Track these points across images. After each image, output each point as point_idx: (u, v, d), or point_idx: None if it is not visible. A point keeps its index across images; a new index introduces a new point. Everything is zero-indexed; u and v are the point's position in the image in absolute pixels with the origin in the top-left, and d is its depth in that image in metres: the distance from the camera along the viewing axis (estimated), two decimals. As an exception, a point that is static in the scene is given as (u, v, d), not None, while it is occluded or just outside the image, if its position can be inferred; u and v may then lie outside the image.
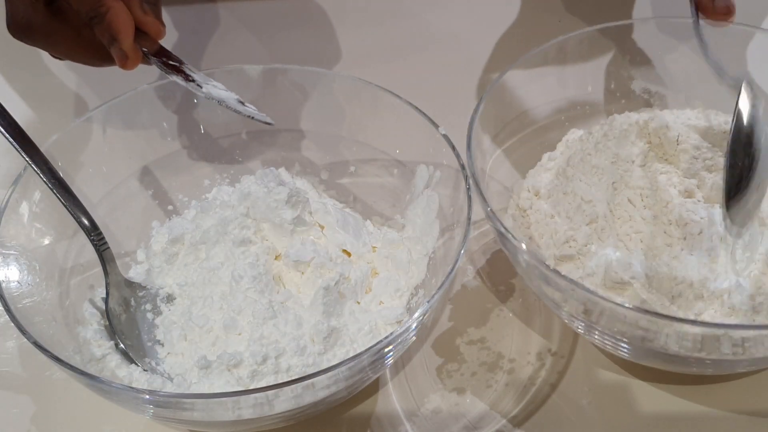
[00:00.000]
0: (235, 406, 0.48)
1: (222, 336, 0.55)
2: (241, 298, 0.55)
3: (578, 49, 0.67)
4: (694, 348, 0.50)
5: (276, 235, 0.59)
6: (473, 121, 0.59)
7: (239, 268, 0.56)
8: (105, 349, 0.55)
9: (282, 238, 0.59)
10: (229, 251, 0.58)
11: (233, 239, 0.58)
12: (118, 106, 0.64)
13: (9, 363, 0.60)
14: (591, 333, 0.55)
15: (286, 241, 0.59)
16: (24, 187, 0.57)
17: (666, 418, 0.55)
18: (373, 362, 0.50)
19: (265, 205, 0.58)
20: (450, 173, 0.59)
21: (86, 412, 0.57)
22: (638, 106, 0.67)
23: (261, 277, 0.56)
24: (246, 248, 0.58)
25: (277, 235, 0.59)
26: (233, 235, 0.58)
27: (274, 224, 0.59)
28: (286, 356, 0.53)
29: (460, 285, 0.64)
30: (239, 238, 0.58)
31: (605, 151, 0.64)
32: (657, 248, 0.59)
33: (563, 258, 0.58)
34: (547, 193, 0.62)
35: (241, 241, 0.58)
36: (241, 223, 0.59)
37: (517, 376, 0.58)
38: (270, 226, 0.59)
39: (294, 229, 0.59)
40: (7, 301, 0.51)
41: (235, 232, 0.58)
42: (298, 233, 0.59)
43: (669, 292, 0.54)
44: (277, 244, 0.59)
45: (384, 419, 0.56)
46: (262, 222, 0.59)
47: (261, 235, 0.59)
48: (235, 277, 0.56)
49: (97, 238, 0.57)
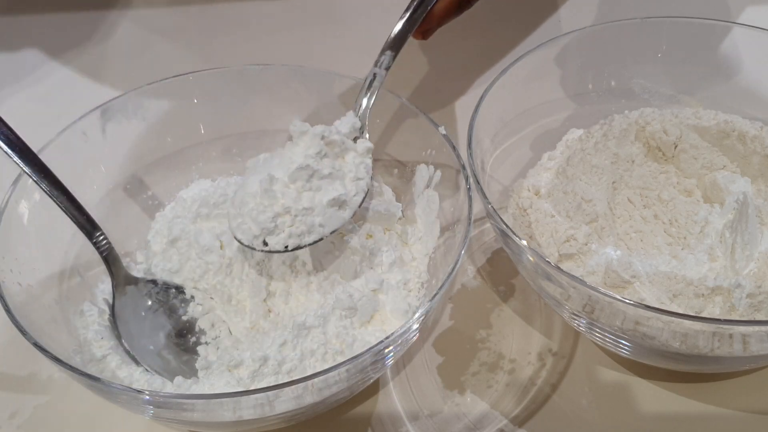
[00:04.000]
0: (236, 407, 0.48)
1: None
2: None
3: (578, 49, 0.67)
4: (695, 345, 0.50)
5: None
6: (473, 121, 0.59)
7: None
8: (105, 349, 0.55)
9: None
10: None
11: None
12: (117, 106, 0.64)
13: (9, 363, 0.60)
14: (592, 331, 0.55)
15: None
16: (24, 187, 0.57)
17: (667, 417, 0.55)
18: (374, 362, 0.50)
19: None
20: (450, 173, 0.59)
21: (86, 412, 0.57)
22: (638, 106, 0.67)
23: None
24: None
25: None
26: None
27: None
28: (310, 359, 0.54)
29: (461, 284, 0.64)
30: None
31: (605, 150, 0.64)
32: (657, 247, 0.59)
33: (564, 257, 0.58)
34: (548, 192, 0.62)
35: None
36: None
37: (518, 375, 0.58)
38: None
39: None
40: (7, 301, 0.51)
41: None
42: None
43: (669, 291, 0.54)
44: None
45: (385, 419, 0.56)
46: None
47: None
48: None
49: (100, 240, 0.57)
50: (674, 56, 0.68)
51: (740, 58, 0.67)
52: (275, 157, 0.56)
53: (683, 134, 0.64)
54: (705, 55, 0.68)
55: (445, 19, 0.62)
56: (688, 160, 0.64)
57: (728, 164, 0.63)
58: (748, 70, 0.67)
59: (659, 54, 0.69)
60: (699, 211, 0.60)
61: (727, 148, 0.64)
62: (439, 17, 0.62)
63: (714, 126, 0.64)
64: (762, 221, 0.59)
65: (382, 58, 0.59)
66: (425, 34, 0.63)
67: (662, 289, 0.55)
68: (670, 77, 0.69)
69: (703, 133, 0.64)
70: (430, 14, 0.61)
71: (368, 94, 0.60)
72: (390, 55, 0.59)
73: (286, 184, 0.54)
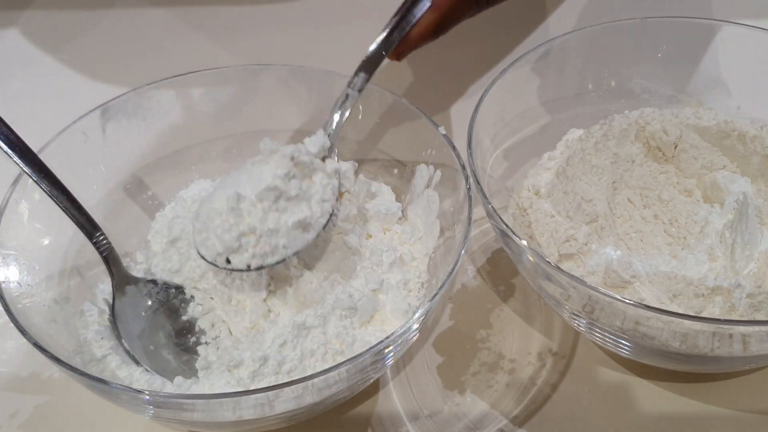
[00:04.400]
0: (236, 407, 0.48)
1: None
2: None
3: (578, 49, 0.67)
4: (695, 345, 0.50)
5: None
6: (473, 121, 0.59)
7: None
8: (105, 349, 0.55)
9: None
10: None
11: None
12: (117, 106, 0.64)
13: (9, 363, 0.60)
14: (592, 331, 0.55)
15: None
16: (24, 187, 0.57)
17: (667, 417, 0.55)
18: (374, 362, 0.50)
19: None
20: (450, 173, 0.59)
21: (86, 412, 0.57)
22: (638, 106, 0.67)
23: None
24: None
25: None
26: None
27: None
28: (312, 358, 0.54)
29: (461, 284, 0.64)
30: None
31: (605, 150, 0.64)
32: (657, 247, 0.59)
33: (564, 257, 0.58)
34: (548, 192, 0.62)
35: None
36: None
37: (518, 375, 0.58)
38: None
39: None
40: (7, 301, 0.51)
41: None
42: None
43: (669, 291, 0.54)
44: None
45: (385, 419, 0.56)
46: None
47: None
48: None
49: (100, 240, 0.57)
50: (674, 56, 0.68)
51: (740, 58, 0.67)
52: (243, 173, 0.56)
53: (683, 134, 0.64)
54: (705, 55, 0.68)
55: (421, 42, 0.62)
56: (688, 160, 0.64)
57: (728, 164, 0.63)
58: (748, 70, 0.67)
59: (659, 54, 0.69)
60: (699, 211, 0.60)
61: (727, 148, 0.64)
62: (415, 41, 0.62)
63: (714, 126, 0.64)
64: (762, 221, 0.59)
65: (356, 80, 0.59)
66: (399, 56, 0.63)
67: (662, 289, 0.55)
68: (670, 77, 0.69)
69: (703, 133, 0.64)
70: (406, 38, 0.61)
71: (339, 113, 0.60)
72: (363, 77, 0.59)
73: (253, 203, 0.54)
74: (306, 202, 0.56)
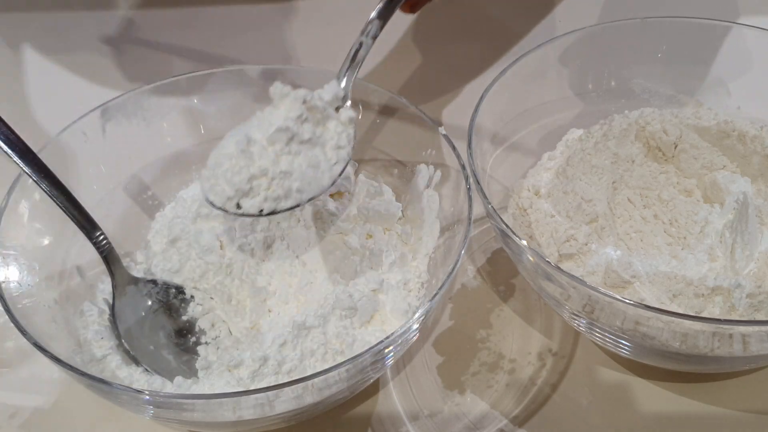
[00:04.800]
0: (236, 407, 0.48)
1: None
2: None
3: (578, 49, 0.67)
4: (695, 345, 0.50)
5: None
6: (473, 121, 0.59)
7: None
8: (105, 349, 0.55)
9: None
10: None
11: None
12: (118, 106, 0.64)
13: (9, 363, 0.60)
14: (592, 331, 0.55)
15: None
16: (24, 187, 0.57)
17: (667, 417, 0.55)
18: (374, 362, 0.50)
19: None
20: (450, 173, 0.59)
21: (86, 412, 0.57)
22: (638, 106, 0.67)
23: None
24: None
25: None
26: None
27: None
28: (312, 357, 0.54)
29: (461, 284, 0.64)
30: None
31: (605, 150, 0.64)
32: (657, 247, 0.59)
33: (564, 257, 0.58)
34: (548, 192, 0.62)
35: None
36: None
37: (518, 375, 0.58)
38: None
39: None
40: (7, 301, 0.51)
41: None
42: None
43: (669, 291, 0.54)
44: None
45: (385, 419, 0.56)
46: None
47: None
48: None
49: (100, 240, 0.57)
50: (674, 56, 0.68)
51: (740, 58, 0.67)
52: (254, 120, 0.54)
53: (683, 134, 0.64)
54: (705, 55, 0.68)
55: None
56: (688, 160, 0.64)
57: (728, 164, 0.63)
58: (748, 70, 0.67)
59: (659, 54, 0.69)
60: (699, 211, 0.60)
61: (727, 148, 0.64)
62: None
63: (714, 126, 0.64)
64: (762, 221, 0.59)
65: (369, 27, 0.57)
66: (413, 7, 0.61)
67: (662, 289, 0.55)
68: (670, 77, 0.69)
69: (703, 133, 0.64)
70: None
71: (354, 63, 0.57)
72: (377, 24, 0.57)
73: (264, 146, 0.51)
74: (320, 147, 0.53)
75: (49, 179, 0.55)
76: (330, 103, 0.54)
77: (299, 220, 0.60)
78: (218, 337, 0.58)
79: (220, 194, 0.52)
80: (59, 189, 0.55)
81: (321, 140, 0.53)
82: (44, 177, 0.55)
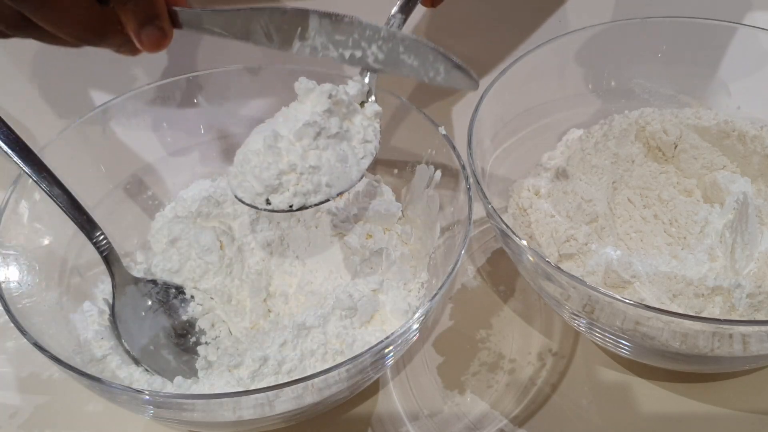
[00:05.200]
0: (236, 407, 0.48)
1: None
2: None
3: (578, 49, 0.67)
4: (695, 345, 0.50)
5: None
6: (473, 120, 0.59)
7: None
8: (105, 349, 0.55)
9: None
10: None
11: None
12: (118, 106, 0.64)
13: (9, 363, 0.60)
14: (592, 331, 0.55)
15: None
16: (24, 187, 0.57)
17: (667, 417, 0.55)
18: (374, 362, 0.50)
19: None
20: (450, 173, 0.59)
21: (86, 412, 0.57)
22: (638, 106, 0.67)
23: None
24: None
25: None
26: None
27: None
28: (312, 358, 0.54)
29: (461, 284, 0.64)
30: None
31: (605, 150, 0.64)
32: (657, 247, 0.59)
33: (564, 257, 0.58)
34: (548, 192, 0.62)
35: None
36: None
37: (518, 375, 0.58)
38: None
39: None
40: (7, 301, 0.51)
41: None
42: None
43: (669, 291, 0.54)
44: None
45: (385, 419, 0.56)
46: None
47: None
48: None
49: (100, 240, 0.57)
50: (674, 56, 0.68)
51: (740, 58, 0.67)
52: (279, 116, 0.54)
53: (683, 134, 0.64)
54: (705, 55, 0.68)
55: None
56: (688, 160, 0.64)
57: (728, 164, 0.63)
58: (748, 70, 0.67)
59: (659, 54, 0.69)
60: (699, 211, 0.60)
61: (727, 148, 0.64)
62: None
63: (714, 126, 0.64)
64: (762, 221, 0.59)
65: (392, 22, 0.56)
66: (434, 2, 0.61)
67: (662, 289, 0.55)
68: (670, 77, 0.69)
69: (703, 133, 0.64)
70: None
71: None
72: (400, 18, 0.56)
73: (291, 141, 0.51)
74: (347, 142, 0.53)
75: (49, 179, 0.55)
76: (355, 98, 0.54)
77: (299, 220, 0.60)
78: (218, 337, 0.58)
79: (248, 191, 0.52)
80: (59, 189, 0.55)
81: (348, 135, 0.53)
82: (44, 177, 0.55)
